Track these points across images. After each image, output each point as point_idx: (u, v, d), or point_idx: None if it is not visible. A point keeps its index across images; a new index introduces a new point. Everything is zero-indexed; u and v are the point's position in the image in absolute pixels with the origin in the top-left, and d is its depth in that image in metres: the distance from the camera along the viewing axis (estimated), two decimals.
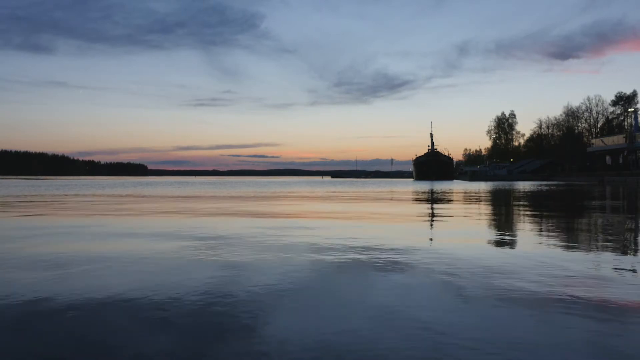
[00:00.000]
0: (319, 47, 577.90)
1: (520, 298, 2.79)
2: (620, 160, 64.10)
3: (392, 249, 4.58)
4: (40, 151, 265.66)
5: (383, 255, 4.23)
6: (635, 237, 6.00)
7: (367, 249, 4.64)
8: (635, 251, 4.79)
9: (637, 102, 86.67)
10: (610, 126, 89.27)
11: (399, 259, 4.05)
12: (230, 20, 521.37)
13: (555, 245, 4.97)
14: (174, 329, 2.27)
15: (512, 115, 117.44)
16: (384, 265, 3.77)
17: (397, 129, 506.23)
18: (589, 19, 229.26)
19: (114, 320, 2.39)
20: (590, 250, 4.63)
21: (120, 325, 2.31)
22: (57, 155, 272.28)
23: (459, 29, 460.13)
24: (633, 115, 69.54)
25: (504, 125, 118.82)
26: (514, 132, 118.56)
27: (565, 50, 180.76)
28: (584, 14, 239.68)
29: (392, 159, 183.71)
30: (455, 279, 3.28)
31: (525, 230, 6.52)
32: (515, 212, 10.07)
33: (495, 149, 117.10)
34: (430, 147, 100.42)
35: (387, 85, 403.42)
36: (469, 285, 3.11)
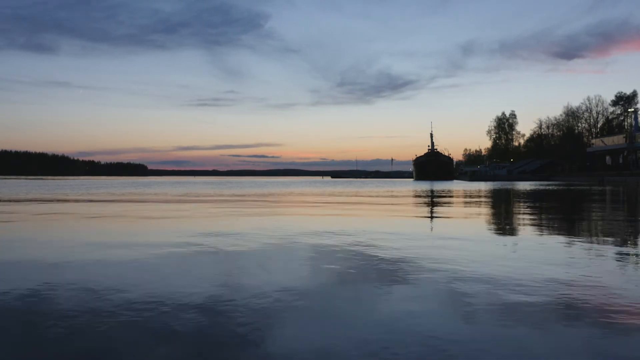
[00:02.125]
0: (323, 47, 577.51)
1: (524, 304, 2.76)
2: (620, 160, 64.12)
3: (395, 251, 4.55)
4: (41, 151, 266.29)
5: (388, 260, 4.20)
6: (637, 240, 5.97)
7: (370, 254, 4.61)
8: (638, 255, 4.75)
9: (637, 102, 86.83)
10: (610, 126, 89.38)
11: (402, 265, 4.02)
12: (234, 20, 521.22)
13: (559, 248, 4.93)
14: (177, 339, 2.23)
15: (513, 115, 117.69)
16: (389, 272, 3.74)
17: (399, 129, 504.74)
18: (594, 19, 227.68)
19: (114, 330, 2.35)
20: (594, 253, 4.59)
21: (122, 335, 2.28)
22: (57, 155, 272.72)
23: (463, 29, 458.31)
24: (633, 115, 69.61)
25: (504, 125, 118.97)
26: (514, 132, 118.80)
27: (569, 50, 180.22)
28: (589, 14, 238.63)
29: (392, 159, 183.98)
30: (458, 286, 3.24)
31: (527, 232, 6.48)
32: (516, 213, 10.04)
33: (495, 149, 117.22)
34: (430, 147, 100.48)
35: (390, 86, 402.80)
36: (473, 293, 3.08)
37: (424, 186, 35.90)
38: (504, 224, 7.85)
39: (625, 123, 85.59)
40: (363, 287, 3.22)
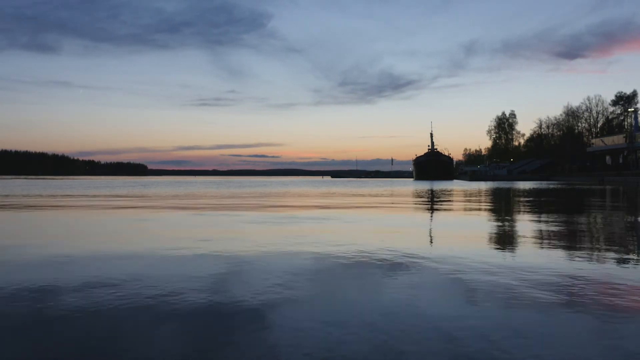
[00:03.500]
0: (326, 46, 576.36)
1: (527, 300, 2.77)
2: (620, 160, 64.10)
3: (395, 250, 4.57)
4: (41, 151, 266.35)
5: (389, 257, 4.21)
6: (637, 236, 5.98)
7: (371, 250, 4.62)
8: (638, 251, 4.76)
9: (637, 102, 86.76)
10: (610, 126, 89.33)
11: (403, 259, 4.03)
12: (237, 20, 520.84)
13: (559, 245, 4.94)
14: (181, 329, 2.24)
15: (513, 115, 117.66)
16: (390, 266, 3.75)
17: (400, 129, 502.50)
18: (597, 18, 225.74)
19: (119, 320, 2.37)
20: (594, 250, 4.61)
21: (126, 326, 2.29)
22: (57, 155, 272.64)
23: (466, 29, 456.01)
24: (633, 115, 69.55)
25: (504, 125, 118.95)
26: (514, 132, 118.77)
27: (572, 49, 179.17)
28: (593, 13, 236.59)
29: (392, 159, 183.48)
30: (461, 281, 3.26)
31: (528, 231, 6.49)
32: (517, 212, 10.04)
33: (495, 149, 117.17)
34: (430, 147, 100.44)
35: (392, 85, 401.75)
36: (476, 287, 3.09)
37: (424, 186, 35.89)
38: (504, 222, 7.85)
39: (625, 123, 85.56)
40: (365, 286, 3.23)
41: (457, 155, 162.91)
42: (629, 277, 3.38)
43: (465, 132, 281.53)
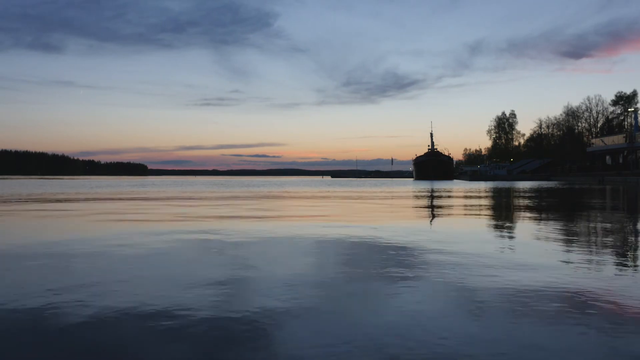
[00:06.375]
0: (331, 46, 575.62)
1: (531, 302, 2.76)
2: (620, 160, 64.15)
3: (399, 250, 4.55)
4: (41, 151, 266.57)
5: (391, 257, 4.20)
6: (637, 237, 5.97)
7: (372, 249, 4.61)
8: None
9: (637, 102, 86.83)
10: (610, 126, 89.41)
11: (406, 262, 4.02)
12: (243, 19, 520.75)
13: (560, 246, 4.93)
14: (185, 338, 2.23)
15: (513, 114, 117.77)
16: (395, 271, 3.74)
17: (402, 128, 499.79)
18: (603, 18, 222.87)
19: (122, 329, 2.35)
20: (597, 252, 4.59)
21: (129, 335, 2.28)
22: (57, 155, 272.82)
23: (472, 29, 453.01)
24: (633, 115, 69.59)
25: (504, 125, 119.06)
26: (514, 132, 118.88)
27: (578, 49, 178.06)
28: (600, 13, 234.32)
29: (392, 159, 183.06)
30: (464, 282, 3.25)
31: (530, 230, 6.48)
32: (517, 212, 10.03)
33: (495, 149, 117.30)
34: (430, 147, 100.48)
35: (396, 85, 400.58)
36: (480, 291, 3.08)
37: (423, 186, 35.85)
38: (505, 223, 7.84)
39: (625, 123, 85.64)
40: (368, 287, 3.22)
41: (457, 155, 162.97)
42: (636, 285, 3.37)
43: (467, 132, 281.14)
